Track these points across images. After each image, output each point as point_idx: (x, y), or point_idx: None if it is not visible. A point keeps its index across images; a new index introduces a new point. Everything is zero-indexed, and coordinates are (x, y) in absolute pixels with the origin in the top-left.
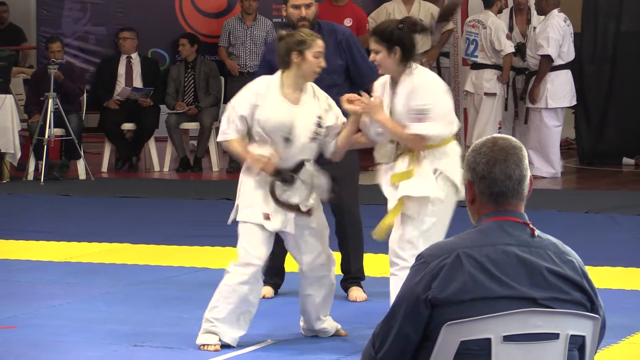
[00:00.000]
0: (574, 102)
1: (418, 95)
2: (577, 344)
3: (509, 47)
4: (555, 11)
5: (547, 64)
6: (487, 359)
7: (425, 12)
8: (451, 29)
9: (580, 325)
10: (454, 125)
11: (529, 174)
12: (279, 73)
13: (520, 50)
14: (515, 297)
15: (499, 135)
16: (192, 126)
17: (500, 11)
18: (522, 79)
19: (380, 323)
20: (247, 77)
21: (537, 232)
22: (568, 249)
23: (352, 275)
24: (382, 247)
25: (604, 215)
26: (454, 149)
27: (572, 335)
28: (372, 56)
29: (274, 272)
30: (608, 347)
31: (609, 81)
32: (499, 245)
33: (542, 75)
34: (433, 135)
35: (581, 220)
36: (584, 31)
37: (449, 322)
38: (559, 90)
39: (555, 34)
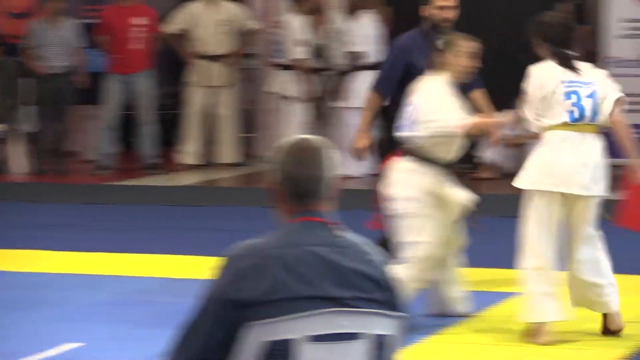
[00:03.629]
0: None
1: None
2: (381, 343)
3: (311, 51)
4: (365, 10)
5: (356, 61)
6: (293, 359)
7: (231, 15)
8: (257, 29)
9: (385, 324)
10: None
11: (335, 173)
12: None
13: (322, 50)
14: (320, 297)
15: (305, 135)
16: None
17: (304, 12)
18: (329, 79)
19: (187, 323)
20: (55, 77)
21: (342, 232)
22: (372, 248)
23: None
24: None
25: None
26: None
27: (376, 335)
28: None
29: None
30: (413, 345)
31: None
32: (304, 246)
33: (350, 73)
34: None
35: None
36: (393, 33)
37: (255, 323)
38: (366, 89)
39: (365, 32)
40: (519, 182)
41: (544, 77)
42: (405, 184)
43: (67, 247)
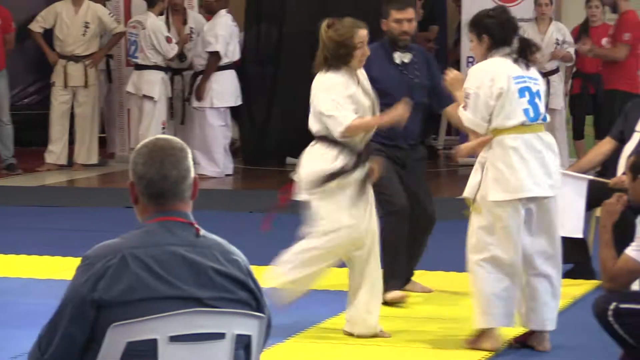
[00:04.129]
0: (239, 102)
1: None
2: (243, 343)
3: (170, 52)
4: (223, 11)
5: (215, 61)
6: (154, 359)
7: (93, 14)
8: (122, 32)
9: (246, 325)
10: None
11: (191, 174)
12: None
13: (181, 50)
14: (181, 297)
15: (160, 136)
16: None
17: (162, 13)
18: (182, 79)
19: (46, 323)
20: None
21: (202, 231)
22: (233, 248)
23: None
24: None
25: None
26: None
27: (238, 335)
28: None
29: None
30: (274, 346)
31: (272, 82)
32: (164, 246)
33: (209, 72)
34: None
35: (246, 219)
36: (247, 32)
37: (115, 324)
38: (224, 89)
39: (223, 32)
40: (496, 196)
41: (493, 74)
42: (316, 169)
43: None
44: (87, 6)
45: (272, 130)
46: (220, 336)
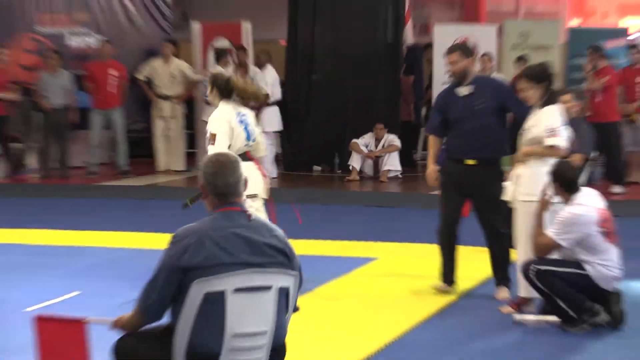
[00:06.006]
0: (281, 128)
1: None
2: (284, 292)
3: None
4: (269, 65)
5: (265, 99)
6: (224, 304)
7: (177, 67)
8: (199, 80)
9: (285, 280)
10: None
11: (242, 177)
12: None
13: None
14: (239, 263)
15: (221, 152)
16: None
17: (227, 65)
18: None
19: (147, 283)
20: (56, 111)
21: (252, 216)
22: (274, 226)
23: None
24: None
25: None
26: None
27: (280, 287)
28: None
29: None
30: (307, 293)
31: (304, 114)
32: (226, 228)
33: (261, 107)
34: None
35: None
36: (287, 79)
37: (196, 280)
38: (271, 119)
39: (271, 80)
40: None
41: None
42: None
43: (69, 227)
44: (174, 62)
45: (303, 147)
46: (268, 288)
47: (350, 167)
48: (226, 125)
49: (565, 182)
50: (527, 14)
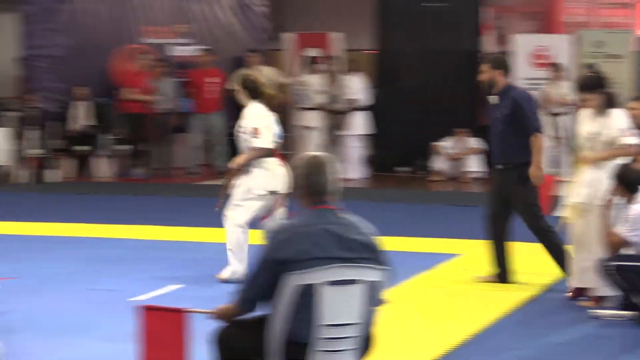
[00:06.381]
0: (371, 131)
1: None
2: (372, 286)
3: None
4: (358, 72)
5: (355, 105)
6: (316, 296)
7: (269, 75)
8: (288, 83)
9: (373, 274)
10: None
11: (336, 177)
12: None
13: (333, 97)
14: (330, 257)
15: (316, 153)
16: None
17: (322, 72)
18: (336, 116)
19: (249, 274)
20: (161, 116)
21: (343, 214)
22: (365, 223)
23: None
24: None
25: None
26: None
27: (369, 281)
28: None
29: None
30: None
31: (392, 119)
32: (318, 225)
33: (350, 112)
34: None
35: (376, 206)
36: (376, 86)
37: (291, 273)
38: (361, 123)
39: (360, 86)
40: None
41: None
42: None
43: (172, 224)
44: (265, 69)
45: (391, 150)
46: (357, 282)
47: (434, 169)
48: (264, 120)
49: (628, 183)
50: (601, 25)
